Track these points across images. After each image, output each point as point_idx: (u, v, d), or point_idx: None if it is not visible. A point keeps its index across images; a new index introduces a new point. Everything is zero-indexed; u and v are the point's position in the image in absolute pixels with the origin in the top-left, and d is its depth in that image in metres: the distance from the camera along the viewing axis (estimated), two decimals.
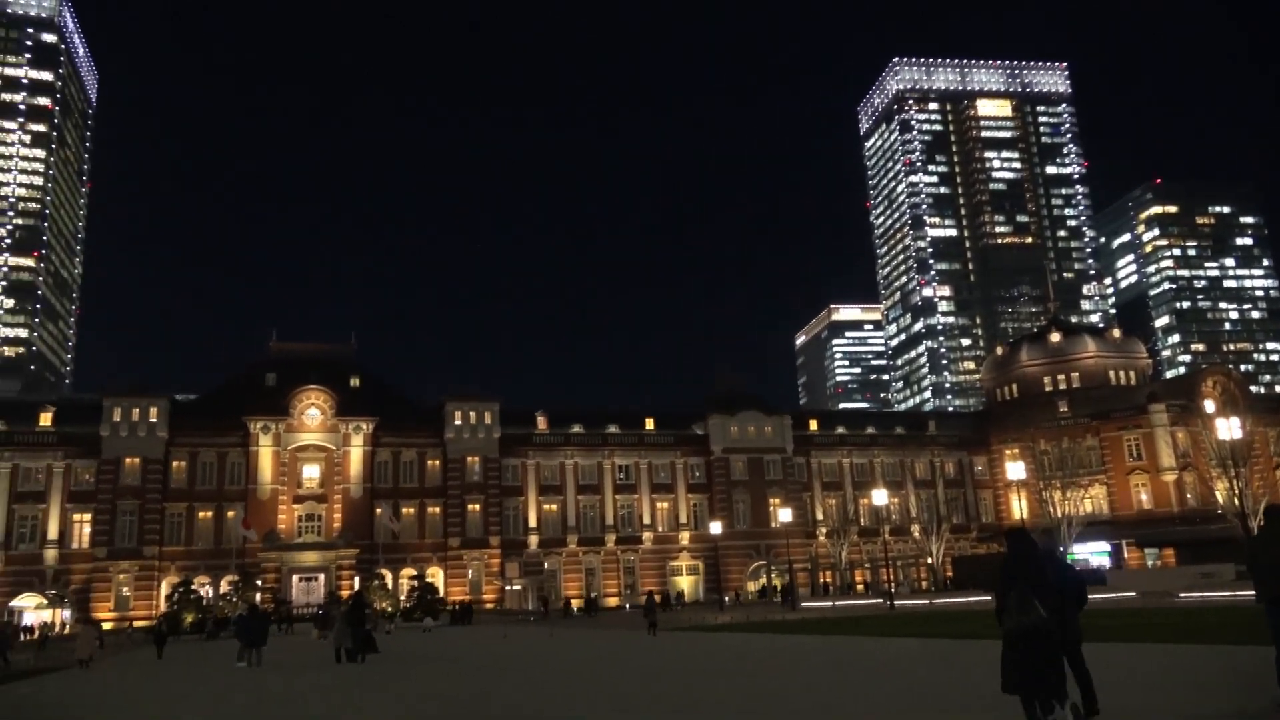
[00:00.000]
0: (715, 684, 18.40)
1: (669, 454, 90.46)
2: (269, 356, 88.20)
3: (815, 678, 18.93)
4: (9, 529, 73.32)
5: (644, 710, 15.13)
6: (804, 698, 15.54)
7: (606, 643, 35.71)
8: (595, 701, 16.74)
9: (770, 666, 22.04)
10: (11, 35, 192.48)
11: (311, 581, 76.25)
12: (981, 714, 12.29)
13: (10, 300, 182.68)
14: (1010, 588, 9.89)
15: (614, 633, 43.07)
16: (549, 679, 21.82)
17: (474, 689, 20.12)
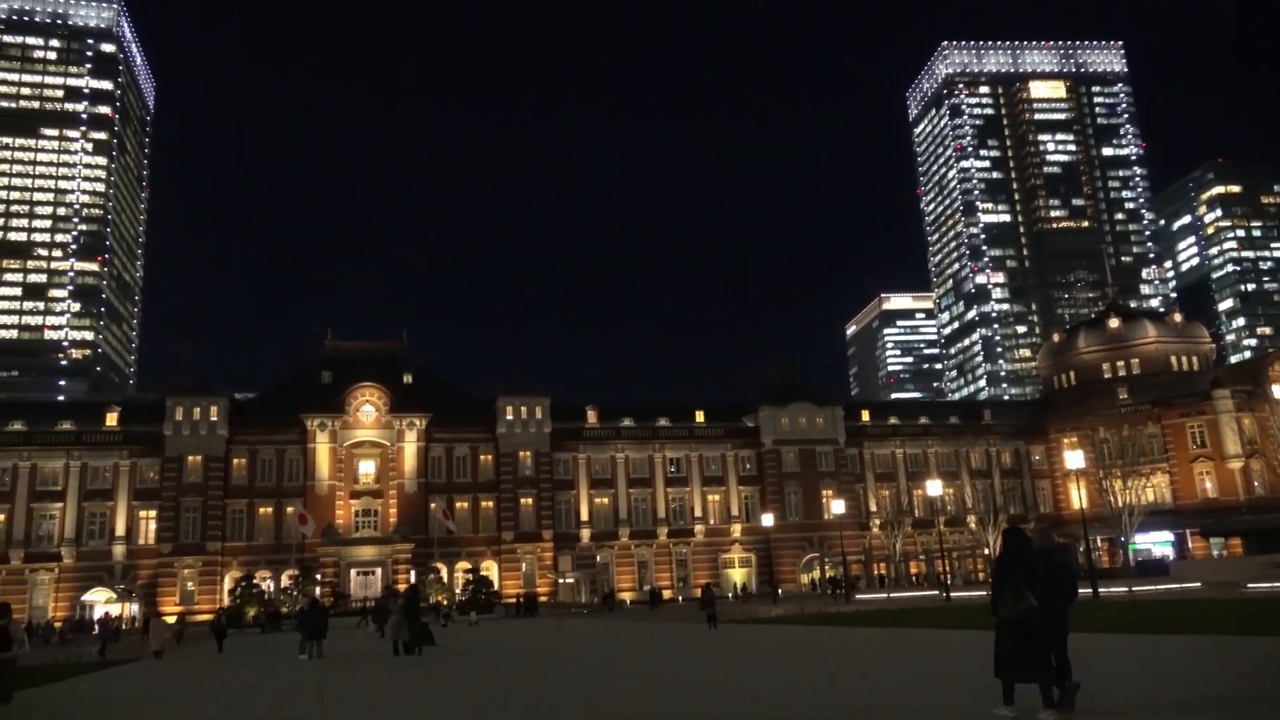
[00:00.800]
0: (782, 678, 18.32)
1: (720, 446, 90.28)
2: (324, 355, 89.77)
3: (878, 670, 18.77)
4: (79, 526, 75.65)
5: (705, 701, 15.13)
6: (872, 693, 15.41)
7: (665, 635, 35.71)
8: (658, 694, 16.77)
9: (835, 659, 21.89)
10: (73, 46, 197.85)
11: (369, 575, 77.51)
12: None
13: (77, 304, 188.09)
14: (1005, 580, 10.95)
15: (671, 625, 43.02)
16: (607, 671, 21.91)
17: (532, 680, 20.29)
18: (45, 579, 74.23)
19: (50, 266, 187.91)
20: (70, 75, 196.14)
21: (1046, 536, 12.04)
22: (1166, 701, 12.14)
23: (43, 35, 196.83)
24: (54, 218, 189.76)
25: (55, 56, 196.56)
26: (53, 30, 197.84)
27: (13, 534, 74.17)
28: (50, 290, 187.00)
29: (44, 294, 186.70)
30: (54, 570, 74.40)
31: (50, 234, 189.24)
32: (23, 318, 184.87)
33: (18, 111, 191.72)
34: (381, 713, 16.38)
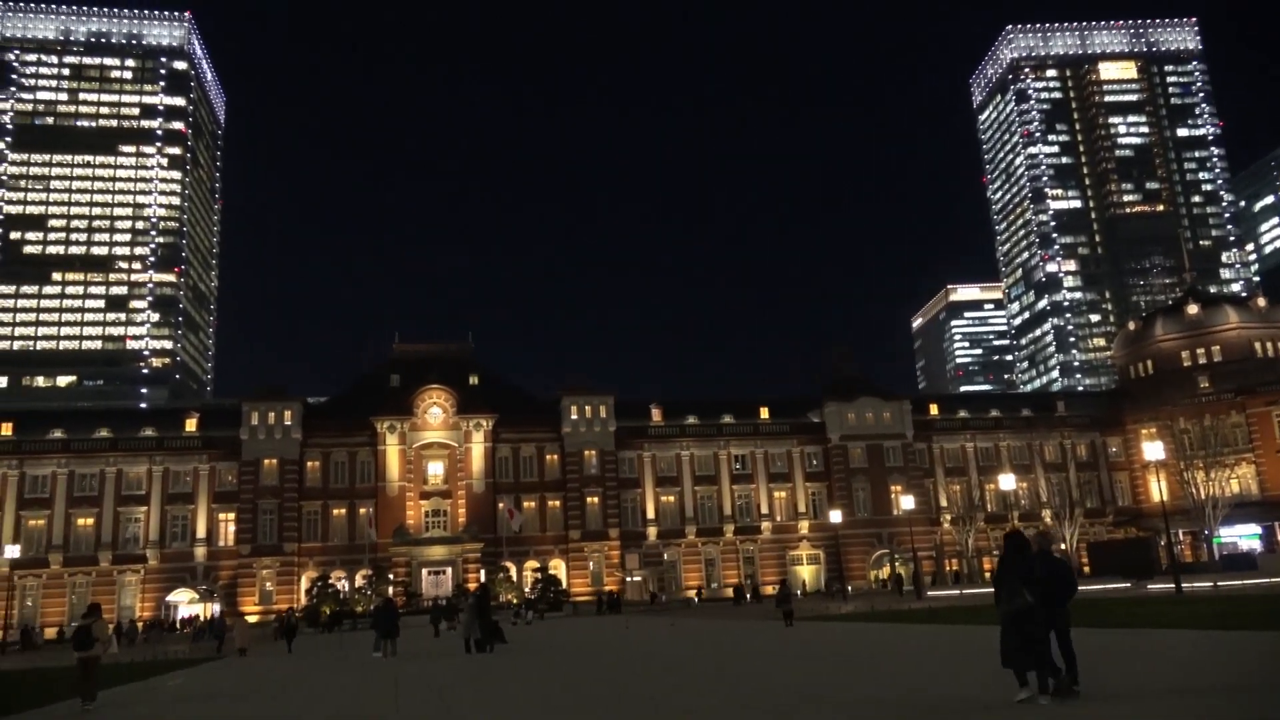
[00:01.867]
0: (859, 674, 18.13)
1: (785, 443, 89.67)
2: (392, 358, 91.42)
3: (958, 668, 18.46)
4: (162, 529, 78.23)
5: (775, 696, 15.05)
6: (944, 689, 15.16)
7: (736, 633, 35.57)
8: (734, 693, 16.73)
9: (909, 656, 21.60)
10: (147, 65, 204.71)
11: (440, 575, 78.71)
12: (1139, 702, 12.34)
13: (156, 315, 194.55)
14: (1005, 580, 12.16)
15: (744, 623, 42.77)
16: (674, 668, 21.92)
17: (600, 677, 20.40)
18: (132, 580, 76.95)
19: (130, 279, 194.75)
20: (145, 93, 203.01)
21: (1045, 541, 12.85)
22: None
23: (119, 56, 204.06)
24: (133, 231, 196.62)
25: (131, 76, 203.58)
26: (128, 51, 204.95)
27: (101, 537, 77.03)
28: (131, 302, 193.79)
29: (125, 305, 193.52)
30: (140, 571, 77.06)
31: (130, 247, 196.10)
32: (106, 329, 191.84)
33: (98, 130, 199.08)
34: (452, 707, 16.62)
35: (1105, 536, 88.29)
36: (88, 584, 75.08)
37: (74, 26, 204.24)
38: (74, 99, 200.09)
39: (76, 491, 77.61)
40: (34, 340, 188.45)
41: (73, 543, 76.68)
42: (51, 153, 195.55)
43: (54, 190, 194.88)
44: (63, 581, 75.32)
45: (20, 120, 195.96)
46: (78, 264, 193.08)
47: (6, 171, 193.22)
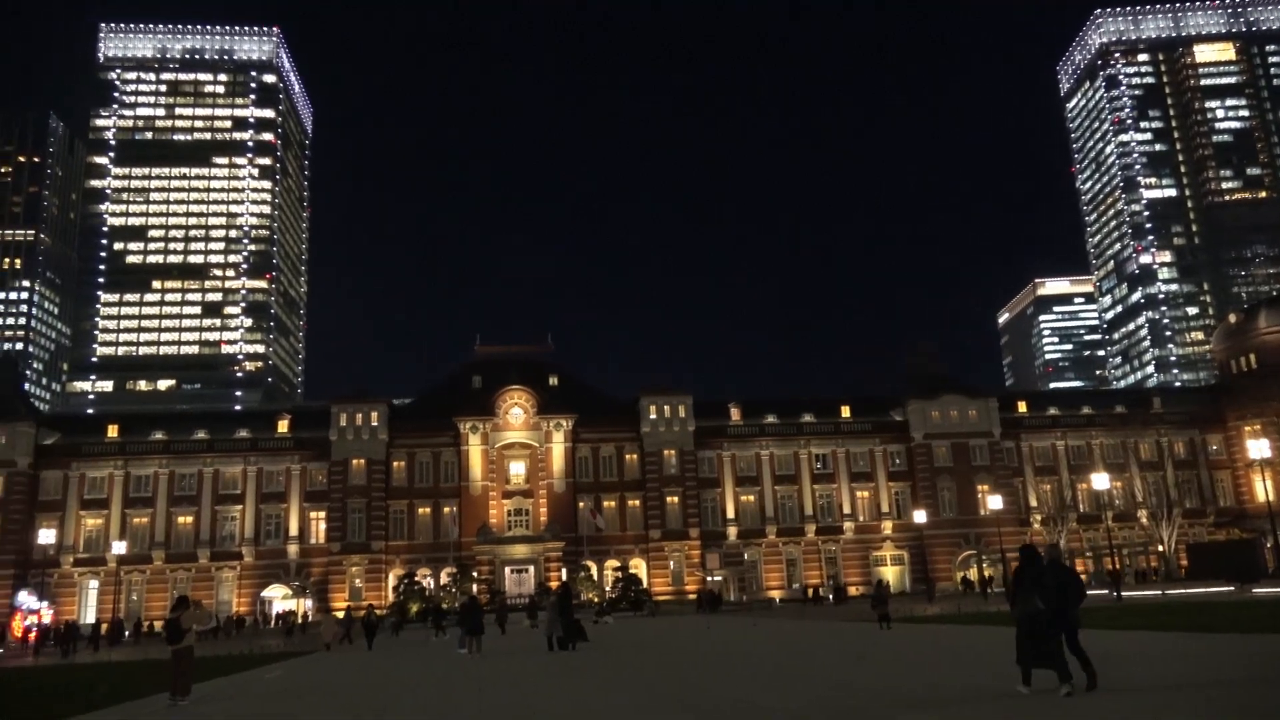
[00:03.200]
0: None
1: (867, 441, 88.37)
2: (474, 359, 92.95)
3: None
4: (257, 527, 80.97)
5: (872, 695, 14.84)
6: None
7: (828, 635, 35.14)
8: (820, 694, 16.55)
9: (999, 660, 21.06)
10: (238, 79, 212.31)
11: (522, 573, 79.71)
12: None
13: (249, 320, 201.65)
14: (1019, 587, 13.69)
15: (832, 624, 42.18)
16: (760, 668, 21.78)
17: (684, 677, 20.38)
18: (229, 576, 79.81)
19: (225, 285, 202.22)
20: (237, 107, 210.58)
21: (1055, 552, 14.36)
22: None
23: (212, 71, 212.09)
24: (227, 240, 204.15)
25: (223, 90, 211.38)
26: (221, 66, 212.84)
27: (200, 534, 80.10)
28: (225, 308, 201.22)
29: (220, 311, 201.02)
30: (236, 568, 79.89)
31: (224, 255, 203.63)
32: (203, 334, 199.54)
33: (193, 143, 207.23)
34: (534, 702, 16.80)
35: (1206, 538, 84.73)
36: (188, 579, 78.13)
37: (170, 45, 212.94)
38: (171, 114, 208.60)
39: (177, 491, 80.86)
40: (136, 346, 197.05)
41: (174, 540, 79.89)
42: (151, 166, 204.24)
43: (153, 202, 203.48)
44: (165, 577, 78.52)
45: (122, 136, 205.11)
46: (176, 272, 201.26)
47: (110, 185, 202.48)
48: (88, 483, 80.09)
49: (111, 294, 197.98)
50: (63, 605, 75.50)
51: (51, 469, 79.73)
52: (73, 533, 78.61)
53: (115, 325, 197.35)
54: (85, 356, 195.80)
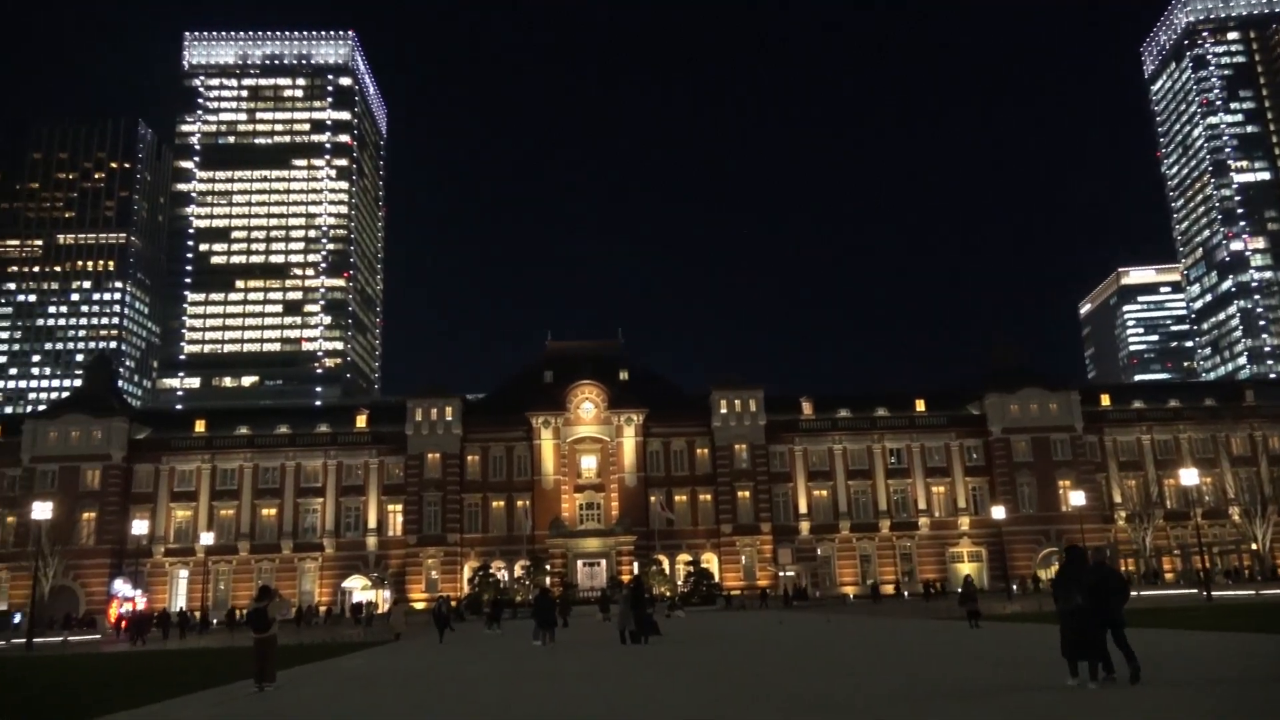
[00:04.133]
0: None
1: (943, 436, 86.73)
2: (545, 355, 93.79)
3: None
4: (337, 519, 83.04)
5: (943, 695, 14.57)
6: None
7: (909, 632, 34.60)
8: (896, 687, 16.31)
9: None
10: (316, 83, 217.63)
11: (594, 566, 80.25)
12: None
13: (328, 318, 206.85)
14: (1061, 584, 14.43)
15: (911, 622, 41.51)
16: (831, 664, 21.56)
17: (758, 670, 20.28)
18: (311, 567, 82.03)
19: (305, 284, 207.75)
20: (315, 110, 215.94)
21: (1099, 554, 16.78)
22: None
23: (291, 76, 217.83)
24: (306, 240, 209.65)
25: (301, 94, 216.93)
26: (299, 70, 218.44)
27: (283, 526, 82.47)
28: (305, 306, 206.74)
29: (300, 309, 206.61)
30: (318, 559, 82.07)
31: (304, 254, 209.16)
32: (284, 331, 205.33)
33: (273, 146, 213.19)
34: (606, 694, 16.88)
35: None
36: (272, 570, 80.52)
37: (250, 51, 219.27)
38: (251, 118, 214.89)
39: (261, 484, 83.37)
40: (221, 344, 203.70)
41: (258, 531, 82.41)
42: (233, 169, 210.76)
43: (236, 204, 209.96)
44: (250, 567, 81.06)
45: (206, 141, 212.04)
46: (258, 272, 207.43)
47: (195, 189, 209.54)
48: (177, 476, 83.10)
49: (198, 293, 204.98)
50: (155, 593, 78.51)
51: (144, 462, 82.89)
52: (164, 524, 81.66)
53: (201, 324, 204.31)
54: (174, 354, 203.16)
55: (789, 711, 13.95)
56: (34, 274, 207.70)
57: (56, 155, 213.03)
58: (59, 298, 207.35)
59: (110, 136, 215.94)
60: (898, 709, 13.73)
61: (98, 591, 77.32)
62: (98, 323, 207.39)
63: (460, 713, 15.77)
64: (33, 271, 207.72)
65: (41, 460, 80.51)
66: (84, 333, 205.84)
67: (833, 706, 14.33)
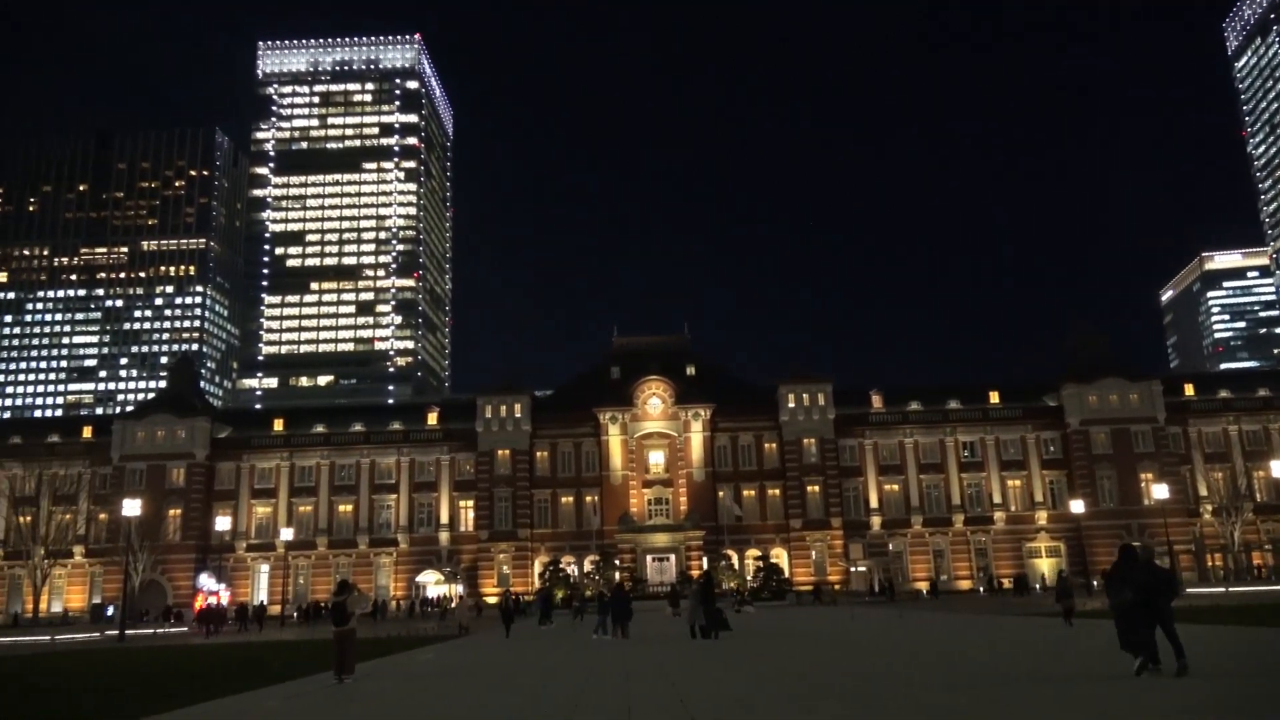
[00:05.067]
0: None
1: (1018, 428, 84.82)
2: (612, 350, 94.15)
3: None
4: (410, 515, 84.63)
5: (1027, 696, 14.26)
6: None
7: (992, 628, 33.96)
8: (978, 689, 16.03)
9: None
10: (384, 87, 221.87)
11: (664, 561, 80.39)
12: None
13: (399, 317, 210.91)
14: (1112, 581, 15.48)
15: (994, 619, 40.65)
16: (908, 660, 21.25)
17: (831, 666, 20.10)
18: (386, 562, 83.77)
19: (376, 285, 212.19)
20: (383, 113, 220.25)
21: (1148, 553, 16.16)
22: None
23: (359, 81, 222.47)
24: (377, 241, 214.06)
25: (370, 99, 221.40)
26: (367, 75, 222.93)
27: (359, 522, 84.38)
28: (377, 306, 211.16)
29: (372, 310, 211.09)
30: (392, 554, 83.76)
31: (375, 256, 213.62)
32: (357, 331, 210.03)
33: (344, 151, 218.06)
34: (681, 689, 16.90)
35: None
36: (349, 564, 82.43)
37: (321, 58, 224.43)
38: (323, 124, 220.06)
39: (337, 480, 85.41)
40: (298, 344, 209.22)
41: (335, 527, 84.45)
42: (306, 174, 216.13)
43: (309, 208, 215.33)
44: (328, 562, 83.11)
45: (280, 147, 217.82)
46: (331, 274, 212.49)
47: (270, 194, 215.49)
48: (257, 473, 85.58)
49: (274, 296, 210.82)
50: (238, 587, 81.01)
51: (225, 460, 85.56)
52: (245, 520, 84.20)
53: (278, 325, 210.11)
54: (252, 355, 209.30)
55: (863, 707, 13.80)
56: (120, 280, 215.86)
57: (140, 165, 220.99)
58: (144, 302, 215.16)
59: (189, 145, 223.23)
60: (987, 709, 13.47)
61: (184, 586, 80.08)
62: (180, 325, 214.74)
63: (533, 704, 15.94)
64: (119, 277, 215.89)
65: (130, 459, 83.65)
66: (167, 335, 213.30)
67: (916, 705, 14.13)
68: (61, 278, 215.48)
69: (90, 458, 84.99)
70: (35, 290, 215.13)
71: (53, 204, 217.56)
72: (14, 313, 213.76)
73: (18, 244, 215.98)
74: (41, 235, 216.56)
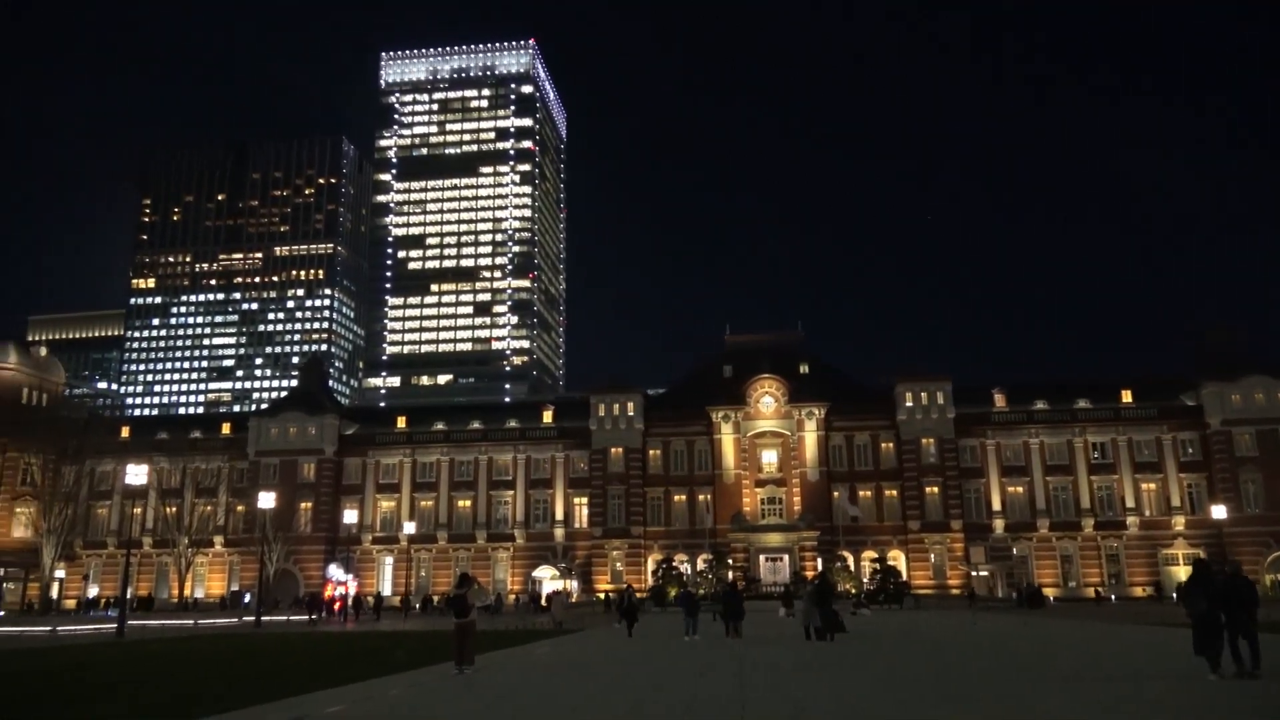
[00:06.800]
0: None
1: (1153, 429, 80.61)
2: (724, 349, 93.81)
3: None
4: (526, 511, 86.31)
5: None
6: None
7: (1131, 638, 32.50)
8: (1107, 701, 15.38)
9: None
10: (500, 92, 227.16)
11: (777, 561, 79.66)
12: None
13: (514, 317, 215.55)
14: (1190, 592, 16.59)
15: (1128, 628, 38.91)
16: (1029, 669, 20.51)
17: (949, 672, 19.58)
18: (503, 557, 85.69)
19: (493, 286, 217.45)
20: (499, 118, 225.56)
21: (1233, 566, 17.48)
22: None
23: (476, 87, 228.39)
24: (493, 243, 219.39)
25: (486, 104, 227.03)
26: (483, 81, 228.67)
27: (477, 517, 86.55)
28: (494, 307, 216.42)
29: (489, 310, 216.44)
30: (509, 549, 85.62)
31: (491, 258, 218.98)
32: (475, 332, 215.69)
33: (462, 155, 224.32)
34: (795, 690, 16.73)
35: None
36: (468, 558, 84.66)
37: (439, 66, 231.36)
38: (442, 130, 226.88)
39: (456, 476, 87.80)
40: (419, 344, 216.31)
41: (454, 521, 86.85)
42: (426, 179, 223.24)
43: (429, 212, 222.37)
44: (448, 556, 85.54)
45: (402, 154, 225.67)
46: (450, 275, 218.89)
47: (393, 199, 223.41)
48: (382, 469, 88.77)
49: (397, 298, 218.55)
50: (365, 578, 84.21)
51: (352, 456, 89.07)
52: (370, 513, 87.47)
53: (401, 326, 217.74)
54: (377, 355, 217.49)
55: (987, 715, 13.38)
56: (255, 284, 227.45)
57: (272, 174, 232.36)
58: (276, 305, 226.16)
59: (318, 154, 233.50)
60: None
61: (314, 575, 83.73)
62: (310, 327, 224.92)
63: (646, 700, 16.03)
64: (254, 282, 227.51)
65: (265, 454, 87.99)
66: (298, 336, 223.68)
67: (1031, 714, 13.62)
68: (202, 283, 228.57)
69: (229, 453, 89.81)
70: (179, 295, 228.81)
71: (194, 213, 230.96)
72: (160, 316, 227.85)
73: (163, 251, 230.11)
74: (184, 243, 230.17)
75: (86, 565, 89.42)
